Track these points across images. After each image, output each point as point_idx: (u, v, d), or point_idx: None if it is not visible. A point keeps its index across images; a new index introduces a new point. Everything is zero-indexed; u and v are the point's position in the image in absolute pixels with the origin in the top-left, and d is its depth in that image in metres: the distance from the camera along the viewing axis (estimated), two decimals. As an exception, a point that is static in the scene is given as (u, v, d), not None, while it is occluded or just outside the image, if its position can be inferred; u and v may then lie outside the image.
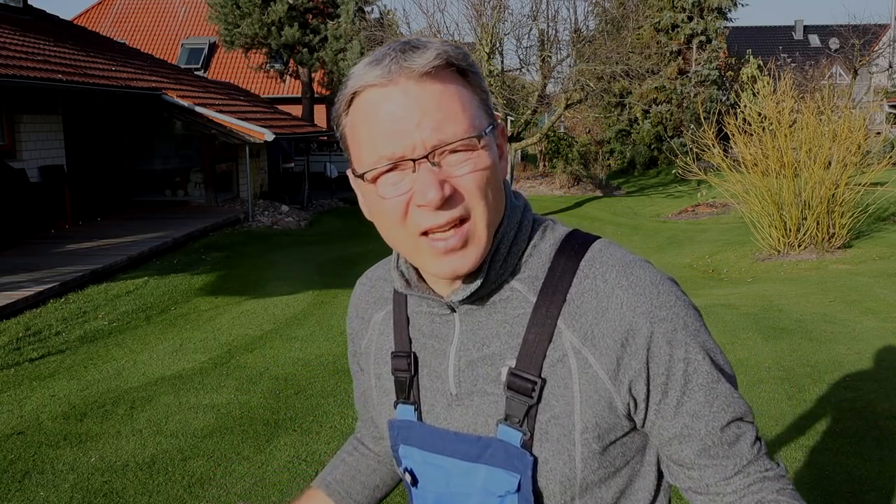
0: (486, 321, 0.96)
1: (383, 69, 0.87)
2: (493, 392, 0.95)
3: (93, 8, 32.81)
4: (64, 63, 12.32)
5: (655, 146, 28.11)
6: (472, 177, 0.88)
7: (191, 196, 15.90)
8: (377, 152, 0.88)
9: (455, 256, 0.89)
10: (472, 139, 0.87)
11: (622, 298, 0.91)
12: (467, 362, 0.97)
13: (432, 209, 0.86)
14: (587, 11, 20.44)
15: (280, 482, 3.80)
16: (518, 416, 0.93)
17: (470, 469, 0.96)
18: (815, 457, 3.81)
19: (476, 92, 0.91)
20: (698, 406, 0.93)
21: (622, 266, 0.94)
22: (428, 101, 0.86)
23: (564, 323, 0.92)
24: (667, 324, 0.92)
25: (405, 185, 0.87)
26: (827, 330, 6.14)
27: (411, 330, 1.03)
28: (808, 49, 39.91)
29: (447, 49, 0.89)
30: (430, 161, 0.86)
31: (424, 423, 1.01)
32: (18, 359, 5.94)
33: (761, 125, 10.91)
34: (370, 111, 0.88)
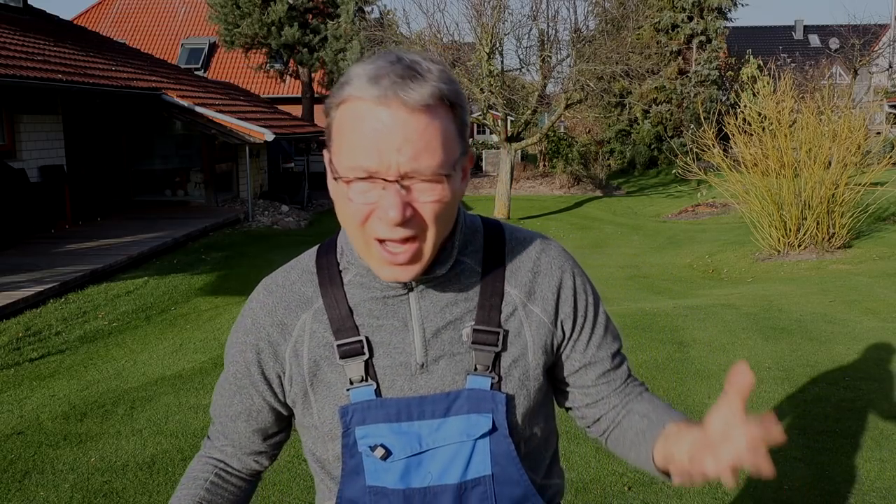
0: (443, 293, 1.11)
1: (381, 90, 0.95)
2: (459, 352, 1.11)
3: (93, 8, 32.81)
4: (64, 63, 12.32)
5: (655, 146, 28.11)
6: (432, 206, 0.99)
7: (191, 196, 15.90)
8: (356, 160, 0.97)
9: (399, 269, 1.02)
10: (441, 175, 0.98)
11: (549, 261, 1.17)
12: (432, 331, 1.10)
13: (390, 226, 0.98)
14: (587, 11, 20.45)
15: (280, 482, 3.80)
16: (486, 364, 1.10)
17: (440, 424, 1.09)
18: (815, 457, 3.81)
19: (457, 123, 1.02)
20: (600, 339, 1.21)
21: (539, 237, 1.21)
22: (413, 132, 0.95)
23: (508, 284, 1.14)
24: (579, 278, 1.19)
25: (372, 196, 0.98)
26: (827, 330, 6.14)
27: (357, 317, 1.12)
28: (808, 49, 39.91)
29: (442, 87, 0.98)
30: (400, 184, 0.96)
31: (386, 398, 1.10)
32: (18, 359, 5.94)
33: (761, 125, 10.91)
34: (359, 120, 0.97)
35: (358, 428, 1.10)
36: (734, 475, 0.97)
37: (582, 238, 15.47)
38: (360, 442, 1.10)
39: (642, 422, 1.20)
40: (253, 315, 1.17)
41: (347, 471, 1.12)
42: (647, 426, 1.18)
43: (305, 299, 1.14)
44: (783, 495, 3.45)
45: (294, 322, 1.14)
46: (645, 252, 13.14)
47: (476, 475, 1.10)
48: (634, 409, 1.22)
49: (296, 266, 1.18)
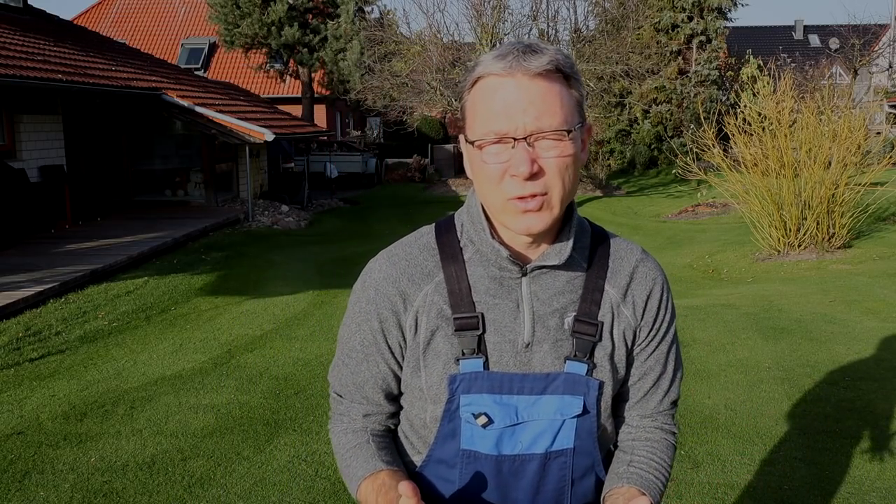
0: (552, 282, 1.23)
1: (506, 63, 1.11)
2: (560, 338, 1.22)
3: (93, 8, 32.80)
4: (64, 63, 12.32)
5: (655, 146, 28.09)
6: (555, 161, 1.12)
7: (191, 196, 15.90)
8: (489, 126, 1.12)
9: (531, 216, 1.13)
10: (562, 132, 1.12)
11: (645, 271, 1.29)
12: (540, 315, 1.21)
13: (521, 180, 1.11)
14: (587, 11, 20.46)
15: (280, 482, 3.80)
16: (584, 351, 1.22)
17: (536, 401, 1.21)
18: (815, 457, 3.81)
19: (574, 94, 1.16)
20: (661, 355, 1.30)
21: (641, 249, 1.32)
22: (535, 95, 1.11)
23: (608, 283, 1.25)
24: (667, 294, 1.30)
25: (504, 156, 1.12)
26: (827, 330, 6.14)
27: (475, 294, 1.22)
28: (808, 49, 39.90)
29: (559, 57, 1.13)
30: (527, 142, 1.11)
31: (493, 371, 1.21)
32: (18, 359, 5.94)
33: (761, 125, 10.91)
34: (489, 93, 1.13)
35: (463, 396, 1.20)
36: None
37: (582, 238, 15.44)
38: (464, 409, 1.21)
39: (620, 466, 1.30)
40: (376, 285, 1.26)
41: (443, 434, 1.23)
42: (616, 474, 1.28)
43: (427, 272, 1.24)
44: (783, 495, 3.45)
45: (416, 293, 1.24)
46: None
47: (560, 447, 1.23)
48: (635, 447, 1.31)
49: (416, 241, 1.28)
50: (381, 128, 31.43)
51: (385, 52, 19.55)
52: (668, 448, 1.31)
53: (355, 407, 1.32)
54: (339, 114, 31.75)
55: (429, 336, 1.22)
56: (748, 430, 4.19)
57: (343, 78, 23.17)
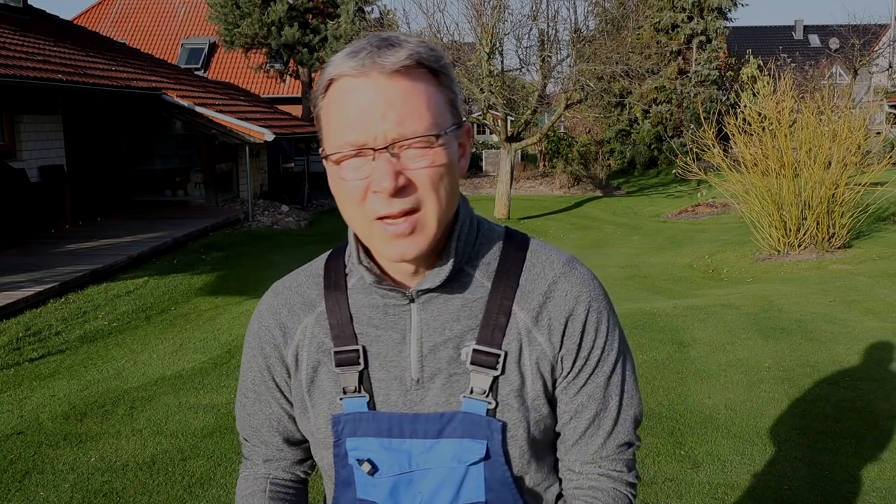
0: (444, 307, 1.05)
1: (358, 62, 0.94)
2: (456, 371, 1.04)
3: (93, 8, 32.80)
4: (64, 63, 12.32)
5: (655, 146, 28.10)
6: (426, 172, 0.95)
7: (191, 196, 15.90)
8: (344, 137, 0.95)
9: (403, 241, 0.97)
10: (430, 137, 0.95)
11: (566, 287, 1.06)
12: (430, 347, 1.04)
13: (386, 197, 0.94)
14: (587, 11, 20.45)
15: (280, 482, 3.80)
16: (483, 387, 1.03)
17: (432, 445, 1.04)
18: (815, 457, 3.81)
19: (445, 92, 0.99)
20: (596, 389, 1.07)
21: (565, 260, 1.08)
22: (394, 97, 0.94)
23: (517, 305, 1.04)
24: (595, 314, 1.06)
25: (365, 171, 0.95)
26: (827, 330, 6.14)
27: (356, 325, 1.07)
28: (808, 49, 39.90)
29: (420, 50, 0.96)
30: (390, 152, 0.94)
31: (379, 412, 1.05)
32: (18, 359, 5.94)
33: (761, 125, 10.91)
34: (342, 99, 0.96)
35: (349, 439, 1.06)
36: None
37: (582, 238, 15.47)
38: (350, 454, 1.06)
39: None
40: (259, 318, 1.15)
41: (340, 481, 1.09)
42: None
43: (309, 302, 1.11)
44: (783, 495, 3.45)
45: (296, 325, 1.11)
46: (645, 252, 13.14)
47: (469, 501, 1.05)
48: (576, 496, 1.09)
49: (306, 269, 1.16)
50: (381, 128, 31.42)
51: (385, 52, 19.51)
52: (618, 499, 1.08)
53: (256, 451, 1.21)
54: (339, 114, 31.72)
55: (311, 373, 1.09)
56: (748, 430, 4.19)
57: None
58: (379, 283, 1.04)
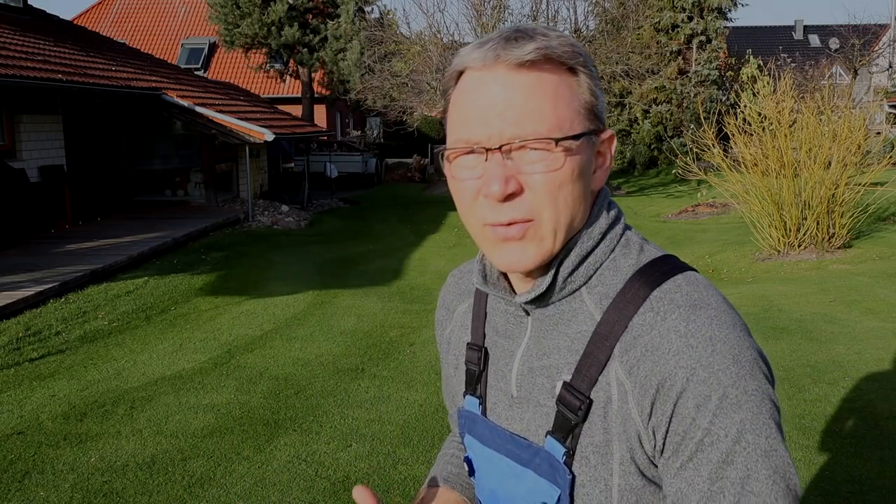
0: (552, 331, 0.94)
1: (482, 53, 0.88)
2: (546, 403, 0.94)
3: (93, 8, 32.80)
4: (64, 63, 12.32)
5: (655, 146, 28.10)
6: (542, 178, 0.86)
7: (191, 196, 15.90)
8: (459, 134, 0.89)
9: (512, 247, 0.88)
10: (550, 140, 0.86)
11: (672, 344, 0.85)
12: (529, 368, 0.96)
13: (494, 202, 0.86)
14: (587, 11, 20.46)
15: (280, 482, 3.80)
16: (564, 431, 0.91)
17: (521, 473, 0.96)
18: (815, 457, 3.81)
19: (580, 93, 0.90)
20: (699, 479, 0.83)
21: (688, 308, 0.87)
22: (517, 93, 0.86)
23: (619, 349, 0.88)
24: (703, 386, 0.83)
25: (478, 171, 0.88)
26: (827, 330, 6.14)
27: (487, 326, 1.04)
28: (808, 49, 39.91)
29: (552, 44, 0.87)
30: (503, 153, 0.86)
31: (487, 419, 1.01)
32: (18, 359, 5.94)
33: (761, 125, 10.91)
34: (466, 93, 0.89)
35: (467, 435, 1.05)
36: None
37: (582, 238, 15.44)
38: (468, 449, 1.06)
39: None
40: (440, 293, 1.19)
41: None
42: None
43: (467, 291, 1.11)
44: (783, 495, 3.45)
45: (455, 308, 1.13)
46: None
47: None
48: None
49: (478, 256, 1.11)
50: (381, 128, 31.43)
51: (385, 52, 19.57)
52: None
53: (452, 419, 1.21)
54: (339, 114, 31.74)
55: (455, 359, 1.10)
56: (748, 430, 4.18)
57: (343, 78, 23.17)
58: (485, 284, 0.98)
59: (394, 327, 6.85)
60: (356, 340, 6.45)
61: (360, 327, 6.89)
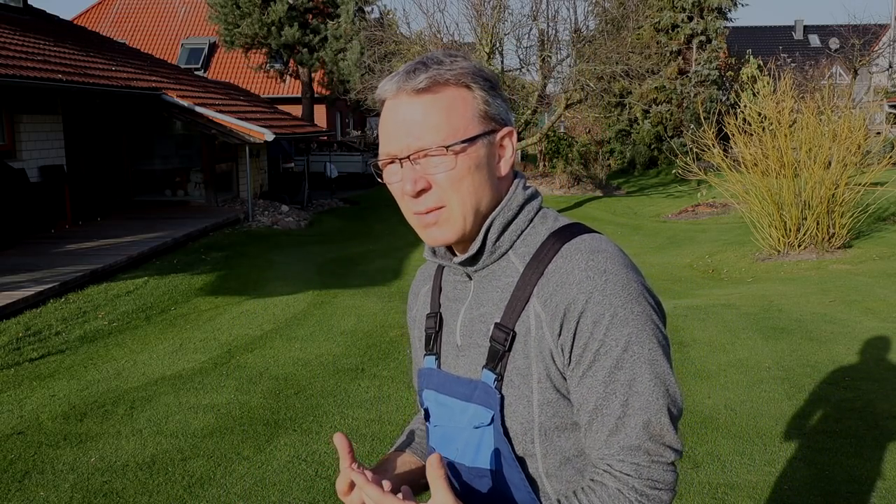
0: (487, 286, 1.19)
1: (393, 85, 1.14)
2: (483, 344, 1.17)
3: (93, 8, 32.80)
4: (64, 63, 12.32)
5: (655, 146, 28.10)
6: (442, 176, 1.12)
7: (191, 196, 15.89)
8: (384, 148, 1.16)
9: (431, 230, 1.15)
10: (442, 147, 1.10)
11: (576, 277, 1.10)
12: (469, 319, 1.21)
13: (411, 197, 1.13)
14: (587, 11, 20.45)
15: (280, 482, 3.80)
16: (494, 361, 1.15)
17: (465, 407, 1.18)
18: (815, 457, 3.81)
19: (473, 104, 1.14)
20: (596, 383, 1.08)
21: (590, 252, 1.12)
22: (416, 113, 1.12)
23: (536, 290, 1.13)
24: (598, 307, 1.07)
25: (398, 176, 1.15)
26: (827, 330, 6.14)
27: (441, 296, 1.29)
28: (808, 49, 39.90)
29: (440, 71, 1.12)
30: (412, 161, 1.12)
31: (441, 370, 1.25)
32: (18, 359, 5.94)
33: (761, 125, 10.91)
34: (385, 116, 1.16)
35: (425, 390, 1.27)
36: None
37: (582, 238, 15.43)
38: (424, 402, 1.28)
39: None
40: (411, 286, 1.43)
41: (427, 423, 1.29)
42: None
43: (429, 275, 1.36)
44: (783, 495, 3.45)
45: (418, 291, 1.38)
46: (645, 252, 13.13)
47: (482, 466, 1.17)
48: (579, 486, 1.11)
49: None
50: (381, 128, 31.38)
51: (385, 52, 19.55)
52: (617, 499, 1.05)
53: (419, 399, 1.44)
54: (339, 114, 31.74)
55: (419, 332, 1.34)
56: (748, 430, 4.19)
57: (343, 78, 23.17)
58: (433, 255, 1.25)
59: (394, 327, 6.85)
60: (356, 340, 6.45)
61: (360, 327, 6.89)
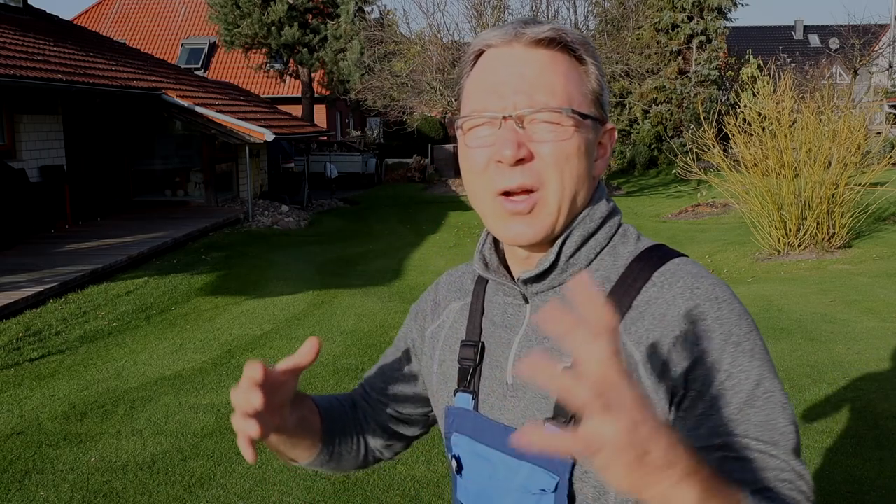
0: None
1: (502, 31, 0.95)
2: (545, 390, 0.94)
3: (93, 8, 32.80)
4: (64, 63, 12.32)
5: (655, 146, 28.09)
6: (551, 146, 0.91)
7: (191, 196, 15.89)
8: (475, 105, 0.94)
9: (519, 220, 0.92)
10: (560, 113, 0.91)
11: (679, 307, 0.89)
12: (527, 354, 0.97)
13: (507, 167, 0.90)
14: (587, 11, 20.46)
15: (280, 482, 3.80)
16: (565, 416, 0.91)
17: (514, 465, 0.95)
18: (815, 457, 3.81)
19: (587, 81, 0.96)
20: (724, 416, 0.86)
21: (691, 277, 0.92)
22: (531, 68, 0.92)
23: (623, 329, 0.91)
24: (716, 334, 0.88)
25: (489, 139, 0.92)
26: (827, 330, 6.14)
27: (484, 320, 1.05)
28: (808, 49, 39.91)
29: (565, 29, 0.95)
30: (516, 122, 0.91)
31: (479, 413, 1.01)
32: (18, 359, 5.94)
33: (761, 125, 10.91)
34: (485, 68, 0.96)
35: (455, 434, 1.03)
36: None
37: (582, 238, 15.44)
38: (453, 448, 1.03)
39: None
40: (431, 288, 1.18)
41: (452, 472, 1.05)
42: None
43: (464, 290, 1.12)
44: (783, 495, 3.45)
45: (447, 305, 1.13)
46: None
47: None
48: None
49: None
50: (381, 128, 31.42)
51: (385, 52, 19.57)
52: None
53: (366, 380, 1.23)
54: (339, 114, 31.74)
55: (443, 355, 1.09)
56: (748, 430, 4.18)
57: (343, 78, 23.17)
58: (486, 270, 1.02)
59: (394, 327, 6.85)
60: (356, 340, 6.45)
61: (360, 327, 6.89)
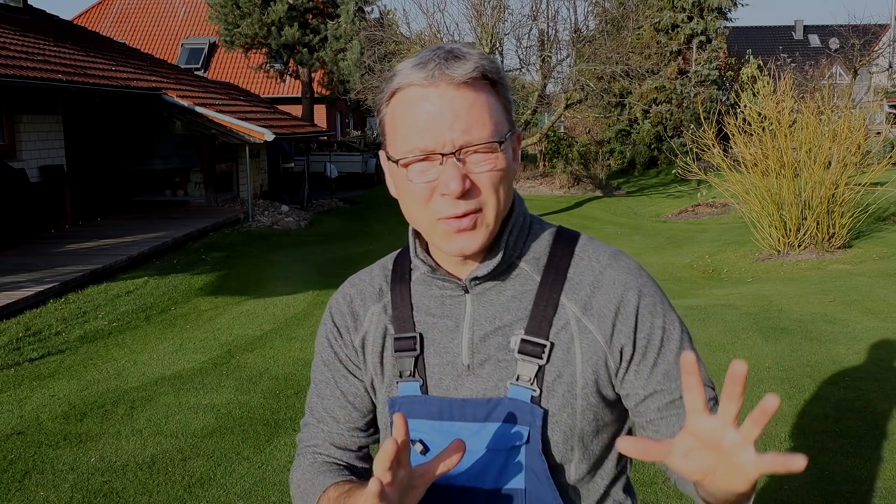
0: (496, 298, 1.11)
1: (428, 72, 1.01)
2: (504, 359, 1.09)
3: (93, 8, 32.80)
4: (64, 63, 12.32)
5: (655, 146, 28.10)
6: (488, 175, 1.03)
7: (191, 196, 15.89)
8: (412, 143, 1.02)
9: (464, 236, 1.04)
10: (493, 143, 1.02)
11: (613, 276, 1.11)
12: (481, 335, 1.11)
13: (453, 198, 1.01)
14: (587, 11, 20.47)
15: (280, 482, 3.80)
16: (529, 375, 1.07)
17: (479, 428, 1.08)
18: (815, 457, 3.81)
19: (502, 101, 1.07)
20: (670, 367, 1.09)
21: (610, 253, 1.14)
22: (461, 106, 1.01)
23: (566, 297, 1.10)
24: (648, 298, 1.10)
25: (431, 175, 1.02)
26: (827, 330, 6.14)
27: (416, 314, 1.15)
28: (808, 49, 39.91)
29: (484, 63, 1.03)
30: (457, 157, 1.01)
31: (430, 396, 1.12)
32: (18, 359, 5.94)
33: (761, 125, 10.91)
34: (410, 106, 1.03)
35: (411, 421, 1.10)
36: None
37: (582, 238, 15.43)
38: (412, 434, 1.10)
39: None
40: (335, 305, 1.24)
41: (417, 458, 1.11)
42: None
43: (379, 292, 1.20)
44: (783, 495, 3.45)
45: (366, 312, 1.20)
46: (645, 252, 13.14)
47: (509, 486, 1.08)
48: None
49: (379, 263, 1.25)
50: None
51: (385, 52, 19.55)
52: None
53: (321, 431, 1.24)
54: (339, 114, 31.74)
55: (377, 358, 1.17)
56: (748, 430, 4.18)
57: (343, 78, 23.17)
58: (433, 273, 1.12)
59: (394, 327, 6.85)
60: (356, 340, 6.45)
61: (360, 327, 6.89)
